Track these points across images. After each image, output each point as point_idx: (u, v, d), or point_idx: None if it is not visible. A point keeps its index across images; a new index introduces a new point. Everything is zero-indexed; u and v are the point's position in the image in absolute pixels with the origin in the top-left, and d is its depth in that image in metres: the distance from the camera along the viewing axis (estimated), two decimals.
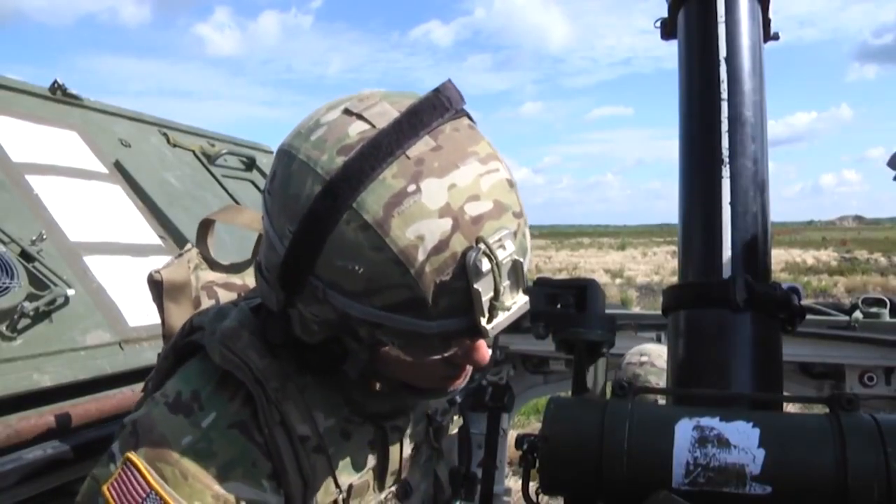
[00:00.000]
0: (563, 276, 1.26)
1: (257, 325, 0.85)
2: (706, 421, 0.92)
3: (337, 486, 0.84)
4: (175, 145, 2.71)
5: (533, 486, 1.08)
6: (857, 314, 2.35)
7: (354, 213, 0.68)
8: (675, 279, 1.28)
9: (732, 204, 1.19)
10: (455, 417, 1.12)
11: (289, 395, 0.82)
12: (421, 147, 0.69)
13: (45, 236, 1.68)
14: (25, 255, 1.60)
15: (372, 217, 0.67)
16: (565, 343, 1.14)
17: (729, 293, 1.11)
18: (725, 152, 1.21)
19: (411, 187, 0.67)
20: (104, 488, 0.76)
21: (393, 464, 0.93)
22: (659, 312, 1.29)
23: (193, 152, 2.78)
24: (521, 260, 0.72)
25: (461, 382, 0.86)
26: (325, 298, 0.72)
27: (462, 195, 0.68)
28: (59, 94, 2.29)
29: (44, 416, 1.39)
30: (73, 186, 2.03)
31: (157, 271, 1.00)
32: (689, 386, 1.15)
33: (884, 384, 2.34)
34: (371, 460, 0.89)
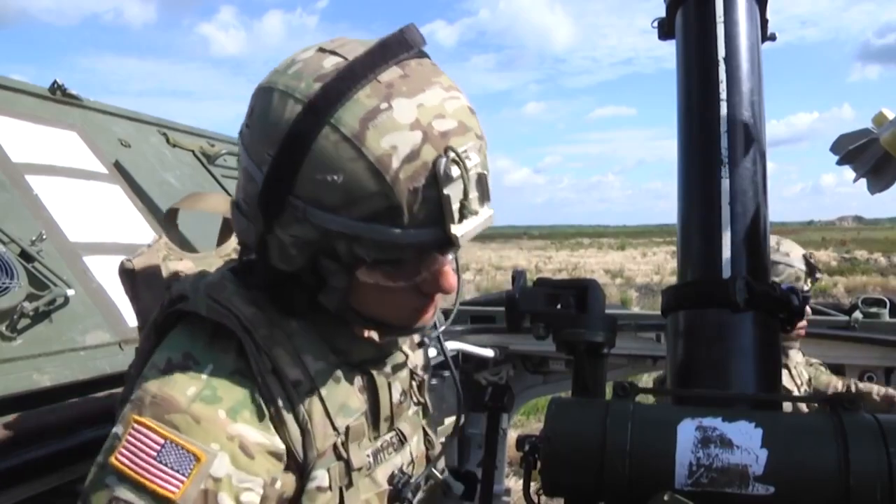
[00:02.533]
0: (563, 276, 1.26)
1: (239, 279, 0.88)
2: (709, 421, 0.91)
3: (334, 428, 0.85)
4: (175, 145, 2.70)
5: (534, 486, 1.08)
6: (857, 314, 2.36)
7: (332, 128, 0.74)
8: (674, 279, 1.28)
9: (732, 204, 1.18)
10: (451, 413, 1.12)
11: (277, 341, 0.84)
12: (391, 73, 0.76)
13: (44, 236, 1.68)
14: (25, 255, 1.59)
15: (349, 130, 0.73)
16: (566, 344, 1.14)
17: (729, 293, 1.11)
18: (724, 152, 1.21)
19: (384, 105, 0.74)
20: (111, 459, 0.74)
21: (384, 409, 0.94)
22: (659, 312, 1.29)
23: (193, 152, 2.77)
24: (486, 174, 0.78)
25: (430, 317, 0.91)
26: (304, 217, 0.76)
27: (430, 113, 0.75)
28: (58, 94, 2.29)
29: (44, 416, 1.39)
30: (73, 186, 2.02)
31: (129, 259, 1.01)
32: (690, 386, 1.15)
33: (884, 384, 2.34)
34: (362, 404, 0.90)
